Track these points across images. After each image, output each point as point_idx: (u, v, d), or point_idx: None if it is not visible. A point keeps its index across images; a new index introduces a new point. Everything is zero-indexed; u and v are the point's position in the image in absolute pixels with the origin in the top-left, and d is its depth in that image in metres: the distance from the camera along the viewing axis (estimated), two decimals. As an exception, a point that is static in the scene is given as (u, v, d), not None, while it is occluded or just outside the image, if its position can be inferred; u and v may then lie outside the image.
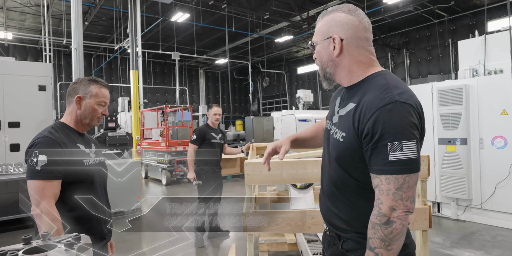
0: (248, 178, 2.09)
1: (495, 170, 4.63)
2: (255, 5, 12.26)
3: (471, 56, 5.67)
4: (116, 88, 19.21)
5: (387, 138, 1.02)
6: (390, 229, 1.03)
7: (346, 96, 1.24)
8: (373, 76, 1.18)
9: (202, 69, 23.30)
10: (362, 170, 1.13)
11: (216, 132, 4.48)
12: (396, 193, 1.03)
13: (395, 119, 1.03)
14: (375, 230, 1.05)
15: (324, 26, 1.22)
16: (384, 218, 1.03)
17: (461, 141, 4.88)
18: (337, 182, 1.22)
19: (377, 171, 1.06)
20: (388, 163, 1.03)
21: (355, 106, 1.15)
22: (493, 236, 4.28)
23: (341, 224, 1.22)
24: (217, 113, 4.47)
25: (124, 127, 13.27)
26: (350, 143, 1.13)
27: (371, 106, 1.07)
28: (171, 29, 14.80)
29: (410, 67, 16.05)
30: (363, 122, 1.08)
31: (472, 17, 13.77)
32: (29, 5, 12.56)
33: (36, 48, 16.89)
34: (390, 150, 1.02)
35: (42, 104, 5.54)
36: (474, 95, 4.84)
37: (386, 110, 1.04)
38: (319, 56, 1.26)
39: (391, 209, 1.03)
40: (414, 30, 15.72)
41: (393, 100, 1.05)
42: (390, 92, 1.07)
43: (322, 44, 1.23)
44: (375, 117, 1.04)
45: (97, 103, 1.69)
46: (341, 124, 1.20)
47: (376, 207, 1.06)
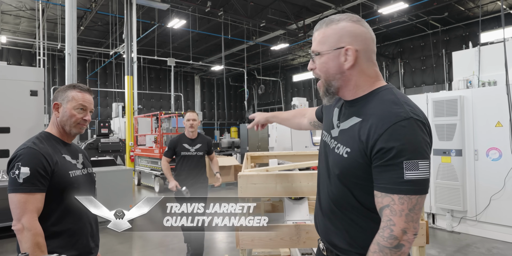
0: (242, 190, 2.03)
1: (490, 182, 4.62)
2: (251, 13, 12.32)
3: (465, 67, 5.70)
4: (110, 93, 19.10)
5: (403, 156, 0.97)
6: (399, 253, 0.98)
7: (348, 110, 1.17)
8: (379, 90, 1.13)
9: (197, 76, 23.29)
10: (366, 188, 1.07)
11: (192, 142, 3.86)
12: (409, 214, 0.97)
13: (411, 136, 0.98)
14: (383, 254, 0.98)
15: (334, 35, 1.11)
16: (395, 241, 0.97)
17: (456, 152, 4.87)
18: (338, 200, 1.15)
19: (388, 189, 0.99)
20: (403, 182, 0.97)
21: (361, 121, 1.09)
22: (488, 248, 4.25)
23: (343, 244, 1.15)
24: (190, 118, 3.81)
25: (117, 133, 13.15)
26: (355, 160, 1.07)
27: (383, 121, 1.01)
28: (167, 35, 14.79)
29: (405, 77, 16.19)
30: (373, 137, 1.01)
31: (465, 28, 13.97)
32: (24, 9, 12.50)
33: (31, 52, 16.77)
34: (406, 169, 0.97)
35: (34, 109, 5.44)
36: (469, 107, 4.85)
37: (400, 126, 0.99)
38: (325, 68, 1.14)
39: (403, 232, 0.97)
40: (408, 40, 15.90)
41: (408, 117, 1.00)
42: (402, 107, 1.03)
43: (329, 55, 1.12)
44: (390, 133, 0.99)
45: (74, 107, 1.61)
46: (344, 139, 1.13)
47: (386, 228, 0.99)
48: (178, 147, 3.80)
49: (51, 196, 1.48)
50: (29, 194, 1.40)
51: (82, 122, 1.64)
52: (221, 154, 12.13)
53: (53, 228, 1.47)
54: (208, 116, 23.48)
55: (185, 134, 3.87)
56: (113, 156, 8.71)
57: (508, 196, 4.44)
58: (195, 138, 3.88)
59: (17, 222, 1.37)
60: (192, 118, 3.80)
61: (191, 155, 3.81)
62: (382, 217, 1.02)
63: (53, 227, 1.48)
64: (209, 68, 19.98)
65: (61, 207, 1.51)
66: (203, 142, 3.90)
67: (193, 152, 3.81)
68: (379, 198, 1.02)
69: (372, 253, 1.01)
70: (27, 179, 1.40)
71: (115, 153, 8.52)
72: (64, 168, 1.55)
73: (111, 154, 8.43)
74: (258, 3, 12.29)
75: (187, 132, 3.86)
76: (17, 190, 1.40)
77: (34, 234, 1.37)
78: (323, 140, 1.28)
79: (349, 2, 11.50)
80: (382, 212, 1.02)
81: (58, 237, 1.49)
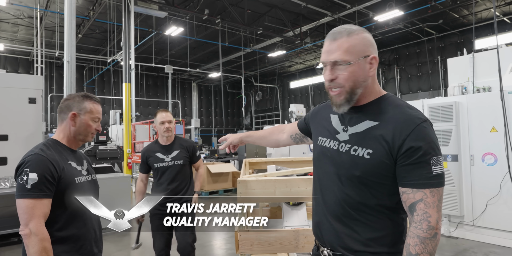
0: (241, 195, 2.06)
1: (486, 187, 4.66)
2: (248, 21, 12.44)
3: (460, 73, 5.78)
4: (108, 100, 19.12)
5: (430, 153, 1.08)
6: (436, 241, 1.06)
7: (357, 115, 1.22)
8: (387, 96, 1.23)
9: (195, 83, 23.37)
10: (386, 188, 1.14)
11: (166, 150, 3.00)
12: (439, 205, 1.08)
13: (432, 135, 1.11)
14: (424, 245, 1.05)
15: (359, 44, 1.16)
16: (433, 231, 1.05)
17: (452, 157, 4.92)
18: (355, 202, 1.18)
19: (421, 185, 1.08)
20: (433, 177, 1.08)
21: (378, 124, 1.16)
22: (485, 253, 4.27)
23: (357, 245, 1.17)
24: (164, 120, 2.94)
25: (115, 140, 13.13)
26: (380, 160, 1.12)
27: (408, 123, 1.11)
28: (164, 42, 14.89)
29: (401, 83, 16.34)
30: (400, 138, 1.10)
31: (460, 35, 14.17)
32: (22, 17, 12.56)
33: (28, 59, 16.81)
34: (433, 165, 1.08)
35: (32, 117, 5.45)
36: (464, 112, 4.91)
37: (422, 127, 1.10)
38: (354, 76, 1.16)
39: (437, 221, 1.06)
40: (404, 47, 16.09)
41: (425, 119, 1.12)
42: (417, 111, 1.15)
43: (359, 64, 1.16)
44: (416, 133, 1.09)
45: (92, 119, 1.69)
46: (361, 141, 1.17)
47: (424, 221, 1.06)
48: (150, 158, 2.99)
49: (57, 202, 1.51)
50: (37, 199, 1.43)
51: (95, 132, 1.73)
52: (218, 160, 12.12)
53: (58, 234, 1.50)
54: (206, 123, 23.50)
55: (158, 141, 3.06)
56: (111, 163, 8.70)
57: (504, 201, 4.48)
58: (170, 143, 3.04)
59: (24, 227, 1.40)
60: (168, 120, 2.95)
61: (167, 166, 2.95)
62: (415, 211, 1.08)
63: (59, 233, 1.50)
64: (207, 75, 20.08)
65: (67, 213, 1.54)
66: (182, 147, 3.03)
67: (169, 161, 2.96)
68: (410, 194, 1.10)
69: (414, 246, 1.06)
70: (35, 185, 1.43)
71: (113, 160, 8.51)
72: (70, 175, 1.58)
73: (109, 161, 8.42)
74: (255, 10, 12.42)
75: (160, 138, 3.04)
76: (25, 195, 1.42)
77: (41, 239, 1.40)
78: (324, 147, 1.29)
79: (346, 9, 11.66)
80: (414, 207, 1.09)
81: (64, 242, 1.52)
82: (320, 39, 14.91)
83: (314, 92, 20.44)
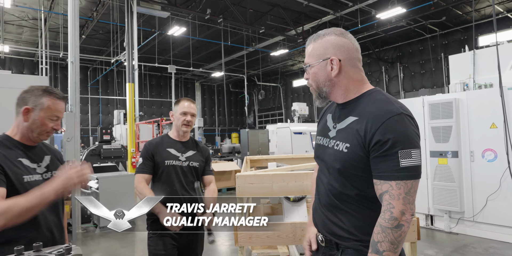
0: (240, 190, 2.12)
1: (486, 183, 4.68)
2: (250, 20, 12.48)
3: (461, 71, 5.80)
4: (112, 100, 19.26)
5: (398, 146, 1.11)
6: (399, 232, 1.10)
7: (342, 112, 1.32)
8: (369, 92, 1.29)
9: (198, 82, 23.46)
10: (364, 179, 1.20)
11: (181, 147, 2.40)
12: (405, 197, 1.11)
13: (403, 129, 1.14)
14: (385, 234, 1.10)
15: (319, 48, 1.29)
16: (395, 222, 1.10)
17: (452, 154, 4.95)
18: (338, 192, 1.26)
19: (387, 177, 1.13)
20: (399, 170, 1.11)
21: (357, 119, 1.23)
22: (485, 248, 4.30)
23: (342, 232, 1.25)
24: (188, 111, 2.36)
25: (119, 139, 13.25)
26: (355, 153, 1.19)
27: (379, 117, 1.16)
28: (167, 42, 14.97)
29: (404, 81, 16.30)
30: (371, 132, 1.15)
31: (463, 32, 14.10)
32: (26, 19, 12.69)
33: (33, 61, 16.97)
34: (401, 158, 1.11)
35: (37, 116, 5.55)
36: (464, 109, 4.94)
37: (393, 121, 1.14)
38: (315, 77, 1.31)
39: (401, 213, 1.10)
40: (407, 44, 16.04)
41: (399, 112, 1.16)
42: (393, 105, 1.19)
43: (318, 65, 1.29)
44: (385, 127, 1.13)
45: (48, 117, 1.52)
46: (342, 136, 1.26)
47: (387, 211, 1.12)
48: (159, 153, 2.32)
49: None
50: None
51: (51, 131, 1.56)
52: (221, 159, 12.20)
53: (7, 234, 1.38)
54: (209, 122, 23.59)
55: (169, 135, 2.45)
56: (115, 163, 8.80)
57: (504, 197, 4.50)
58: (186, 141, 2.44)
59: None
60: (191, 112, 2.39)
61: (181, 166, 2.32)
62: (382, 202, 1.15)
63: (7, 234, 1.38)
64: (210, 74, 20.14)
65: None
66: (198, 149, 2.46)
67: (184, 161, 2.34)
68: (378, 185, 1.16)
69: (376, 234, 1.13)
70: None
71: (117, 159, 8.60)
72: (18, 173, 1.45)
73: (113, 160, 8.51)
74: (257, 10, 12.46)
75: (175, 132, 2.43)
76: None
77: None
78: (318, 144, 1.41)
79: (347, 7, 11.65)
80: (382, 198, 1.15)
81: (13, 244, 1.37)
82: (322, 37, 14.91)
83: (317, 90, 20.43)
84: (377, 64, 17.02)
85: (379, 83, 17.15)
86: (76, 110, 5.88)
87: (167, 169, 2.27)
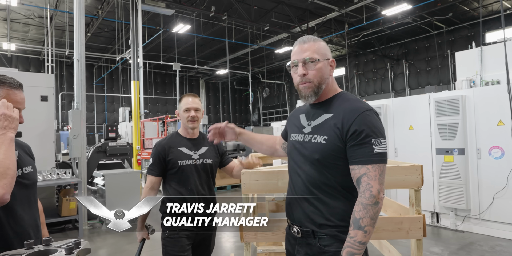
0: (245, 187, 2.12)
1: (493, 180, 4.65)
2: (255, 17, 12.45)
3: (468, 67, 5.75)
4: (117, 98, 19.36)
5: (371, 136, 1.30)
6: (377, 208, 1.26)
7: (317, 111, 1.48)
8: (341, 93, 1.49)
9: (202, 80, 23.48)
10: (341, 168, 1.36)
11: (193, 145, 2.35)
12: (380, 178, 1.28)
13: (374, 121, 1.33)
14: (366, 210, 1.25)
15: (322, 49, 1.44)
16: (374, 199, 1.25)
17: (458, 151, 4.92)
18: (316, 182, 1.40)
19: (364, 161, 1.30)
20: (374, 155, 1.29)
21: (332, 115, 1.40)
22: (491, 246, 4.28)
23: (320, 219, 1.38)
24: (191, 107, 2.31)
25: (124, 137, 13.32)
26: (332, 143, 1.36)
27: (353, 111, 1.35)
28: (172, 40, 14.99)
29: (410, 78, 16.18)
30: (348, 124, 1.33)
31: (470, 29, 13.96)
32: (32, 17, 12.77)
33: (39, 59, 17.08)
34: (374, 145, 1.30)
35: (44, 114, 5.59)
36: (470, 106, 4.90)
37: (366, 115, 1.33)
38: (320, 72, 1.42)
39: (378, 192, 1.26)
40: (413, 41, 15.91)
41: (369, 108, 1.36)
42: (363, 103, 1.40)
43: (324, 63, 1.43)
44: (359, 120, 1.32)
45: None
46: (319, 131, 1.42)
47: (366, 191, 1.27)
48: (172, 154, 2.25)
49: None
50: None
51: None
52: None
53: None
54: (214, 120, 23.62)
55: (180, 133, 2.39)
56: (121, 160, 8.85)
57: (511, 194, 4.47)
58: (197, 138, 2.40)
59: None
60: (194, 107, 2.32)
61: (195, 164, 2.27)
62: (360, 184, 1.29)
63: None
64: (214, 72, 20.15)
65: None
66: (210, 144, 2.38)
67: (197, 159, 2.29)
68: (356, 170, 1.31)
69: (358, 212, 1.26)
70: None
71: (123, 156, 8.63)
72: None
73: (118, 157, 8.55)
74: (261, 7, 12.43)
75: (183, 130, 2.39)
76: None
77: None
78: (294, 141, 1.54)
79: (353, 4, 11.57)
80: (360, 180, 1.30)
81: None
82: (327, 34, 14.85)
83: (322, 88, 20.37)
84: (382, 61, 16.91)
85: (384, 81, 17.05)
86: (82, 108, 5.91)
87: (181, 169, 2.24)
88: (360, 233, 1.24)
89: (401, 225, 2.03)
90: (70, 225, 5.76)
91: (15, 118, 1.34)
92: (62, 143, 11.17)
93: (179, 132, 2.40)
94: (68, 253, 0.87)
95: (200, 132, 2.47)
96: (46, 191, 5.66)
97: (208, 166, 2.33)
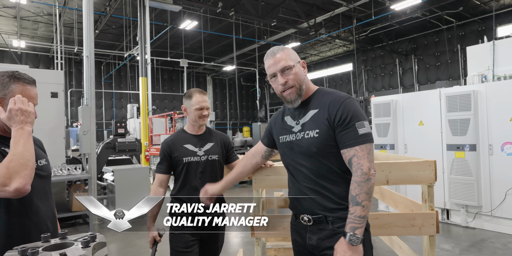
0: (256, 182, 2.12)
1: (505, 177, 4.58)
2: (262, 13, 12.38)
3: (480, 62, 5.66)
4: (125, 95, 19.47)
5: (354, 120, 1.44)
6: (370, 184, 1.38)
7: (301, 110, 1.58)
8: (319, 89, 1.62)
9: (209, 76, 23.49)
10: (338, 155, 1.47)
11: (198, 141, 2.32)
12: (368, 156, 1.41)
13: (355, 107, 1.47)
14: (361, 187, 1.37)
15: (292, 54, 1.57)
16: (366, 176, 1.38)
17: (470, 147, 4.85)
18: (320, 172, 1.51)
19: (352, 144, 1.43)
20: (359, 136, 1.43)
21: (318, 110, 1.53)
22: (503, 243, 4.23)
23: (331, 204, 1.49)
24: (203, 106, 2.29)
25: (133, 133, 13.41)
26: (325, 133, 1.48)
27: (336, 101, 1.49)
28: (179, 36, 14.99)
29: (419, 73, 16.00)
30: (333, 113, 1.47)
31: (481, 23, 13.71)
32: (41, 14, 12.87)
33: (48, 56, 17.23)
34: (358, 127, 1.43)
35: (54, 110, 5.65)
36: (482, 101, 4.82)
37: (347, 102, 1.48)
38: (298, 76, 1.54)
39: (368, 169, 1.39)
40: (422, 36, 15.69)
41: (348, 96, 1.51)
42: (342, 93, 1.55)
43: (297, 67, 1.56)
44: (343, 108, 1.46)
45: None
46: (310, 126, 1.53)
47: (358, 169, 1.39)
48: (177, 151, 2.26)
49: None
50: None
51: None
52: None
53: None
54: (221, 116, 23.65)
55: (186, 130, 2.38)
56: (130, 156, 8.91)
57: (524, 191, 4.40)
58: (202, 134, 2.37)
59: None
60: (207, 106, 2.31)
61: (199, 161, 2.25)
62: (352, 165, 1.41)
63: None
64: (221, 68, 20.14)
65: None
66: (216, 140, 2.37)
67: (202, 156, 2.27)
68: (346, 153, 1.44)
69: (353, 190, 1.38)
70: None
71: (132, 152, 8.70)
72: None
73: (127, 153, 8.63)
74: (269, 2, 12.35)
75: (190, 126, 2.36)
76: None
77: None
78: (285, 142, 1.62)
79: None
80: (351, 162, 1.42)
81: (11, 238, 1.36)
82: (335, 29, 14.71)
83: (329, 83, 20.26)
84: (390, 56, 16.73)
85: (392, 76, 16.88)
86: (92, 104, 5.95)
87: (186, 167, 2.22)
88: (359, 208, 1.35)
89: (413, 221, 2.01)
90: (80, 220, 5.83)
91: (31, 112, 1.39)
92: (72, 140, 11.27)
93: (185, 129, 2.38)
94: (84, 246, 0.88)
95: (207, 127, 2.43)
96: (57, 186, 5.73)
97: (214, 162, 2.29)
